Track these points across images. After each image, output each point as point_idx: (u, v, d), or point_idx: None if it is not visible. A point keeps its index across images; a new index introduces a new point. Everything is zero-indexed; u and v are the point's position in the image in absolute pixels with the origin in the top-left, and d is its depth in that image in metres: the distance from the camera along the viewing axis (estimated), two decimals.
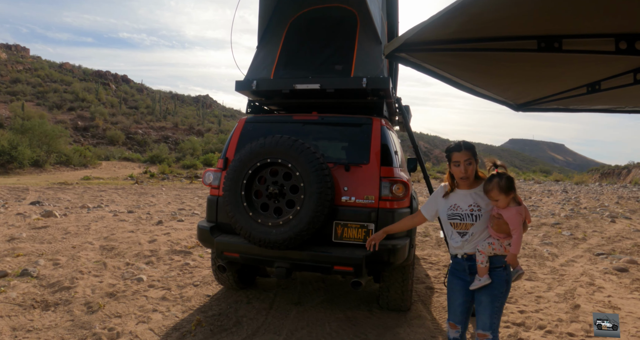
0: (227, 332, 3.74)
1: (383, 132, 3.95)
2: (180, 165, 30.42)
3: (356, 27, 4.34)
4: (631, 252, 7.90)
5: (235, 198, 3.55)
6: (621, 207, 17.09)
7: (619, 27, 2.61)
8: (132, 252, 6.46)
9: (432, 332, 3.89)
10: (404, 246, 3.64)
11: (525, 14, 2.41)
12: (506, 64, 3.34)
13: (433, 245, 7.95)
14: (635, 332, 4.09)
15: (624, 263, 6.83)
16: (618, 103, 4.78)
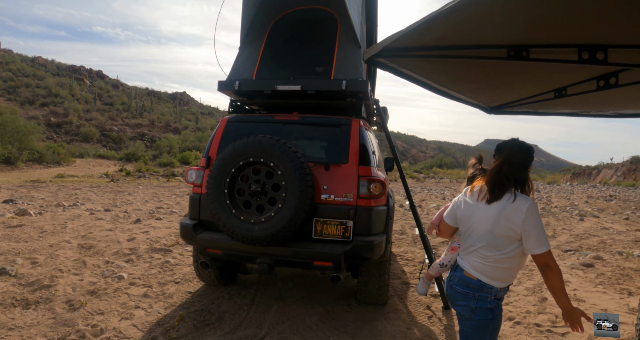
0: (210, 327, 3.84)
1: (361, 133, 4.10)
2: (157, 163, 30.01)
3: (336, 30, 4.47)
4: (597, 249, 8.29)
5: (219, 196, 3.65)
6: (590, 206, 17.78)
7: (581, 39, 2.82)
8: (111, 251, 6.45)
9: (408, 324, 4.07)
10: (381, 242, 3.81)
11: (495, 25, 2.60)
12: (479, 70, 3.54)
13: (409, 242, 8.17)
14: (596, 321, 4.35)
15: (590, 259, 7.18)
16: (583, 108, 5.06)
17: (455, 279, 2.34)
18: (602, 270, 6.56)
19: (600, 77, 3.65)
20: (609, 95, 4.02)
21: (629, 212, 15.55)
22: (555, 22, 2.56)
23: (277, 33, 4.64)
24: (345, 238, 3.76)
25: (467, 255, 2.33)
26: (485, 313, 2.24)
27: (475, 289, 2.25)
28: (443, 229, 2.55)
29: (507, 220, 2.15)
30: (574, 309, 2.19)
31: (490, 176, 2.25)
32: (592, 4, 2.25)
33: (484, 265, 2.24)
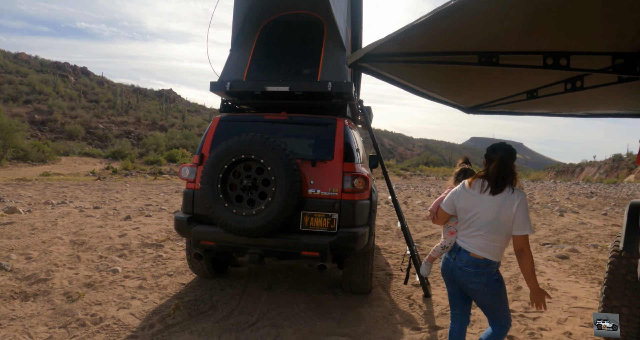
0: (204, 315, 4.06)
1: (346, 132, 4.36)
2: (144, 161, 29.93)
3: (323, 35, 4.72)
4: (574, 242, 8.69)
5: (212, 190, 3.87)
6: (571, 202, 18.33)
7: (546, 46, 3.12)
8: (104, 246, 6.61)
9: (390, 311, 4.35)
10: (365, 233, 4.07)
11: (468, 35, 2.88)
12: (455, 74, 3.82)
13: (394, 237, 8.46)
14: (568, 307, 4.69)
15: (566, 251, 7.56)
16: (555, 108, 5.40)
17: (463, 261, 2.71)
18: (576, 261, 6.93)
19: (568, 80, 3.96)
20: (578, 96, 4.34)
21: (607, 208, 16.11)
22: (522, 31, 2.86)
23: (266, 36, 4.86)
24: (331, 230, 4.02)
25: (470, 239, 2.71)
26: (494, 283, 2.68)
27: (484, 266, 2.66)
28: (440, 216, 2.95)
29: (508, 208, 2.60)
30: (539, 290, 2.61)
31: (493, 173, 2.69)
32: (555, 16, 2.54)
33: (489, 246, 2.66)
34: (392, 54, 3.22)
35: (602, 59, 3.11)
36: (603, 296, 3.59)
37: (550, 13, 2.45)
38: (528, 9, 2.41)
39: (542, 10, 2.42)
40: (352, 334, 3.71)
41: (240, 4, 4.84)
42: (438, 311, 4.41)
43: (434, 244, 7.88)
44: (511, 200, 2.61)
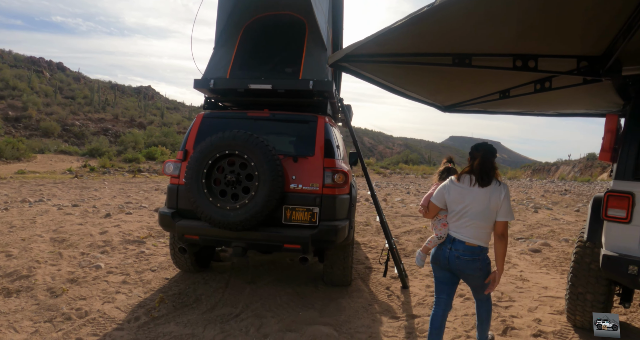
0: (189, 308, 4.15)
1: (327, 129, 4.50)
2: (122, 159, 29.45)
3: (304, 34, 4.83)
4: (546, 237, 9.03)
5: (197, 185, 3.96)
6: (546, 199, 18.88)
7: (516, 49, 3.33)
8: (85, 243, 6.60)
9: (370, 302, 4.51)
10: (345, 227, 4.22)
11: (442, 38, 3.06)
12: (431, 74, 4.01)
13: (373, 232, 8.64)
14: (538, 297, 4.93)
15: (539, 245, 7.86)
16: (527, 107, 5.66)
17: (460, 251, 2.99)
18: (548, 255, 7.23)
19: (537, 81, 4.19)
20: (547, 97, 4.58)
21: (580, 204, 16.67)
22: (493, 35, 3.05)
23: (249, 35, 4.96)
24: (312, 223, 4.16)
25: (463, 229, 3.00)
26: (486, 267, 3.02)
27: (478, 253, 2.98)
28: (431, 209, 3.18)
29: (496, 198, 2.92)
30: (499, 277, 3.02)
31: (477, 168, 2.99)
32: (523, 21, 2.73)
33: (481, 233, 2.98)
34: (371, 54, 3.37)
35: (568, 62, 3.33)
36: (569, 284, 3.83)
37: (520, 19, 2.63)
38: (499, 15, 2.58)
39: (512, 16, 2.60)
40: (333, 323, 3.86)
41: (223, 3, 4.92)
42: (415, 301, 4.60)
43: (412, 239, 8.10)
44: (498, 191, 2.93)
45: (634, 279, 3.04)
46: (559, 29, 2.80)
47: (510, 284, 5.37)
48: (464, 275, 3.05)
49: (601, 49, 3.10)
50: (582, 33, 2.85)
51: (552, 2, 2.36)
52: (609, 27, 2.66)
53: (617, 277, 3.26)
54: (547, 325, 4.02)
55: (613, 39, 2.84)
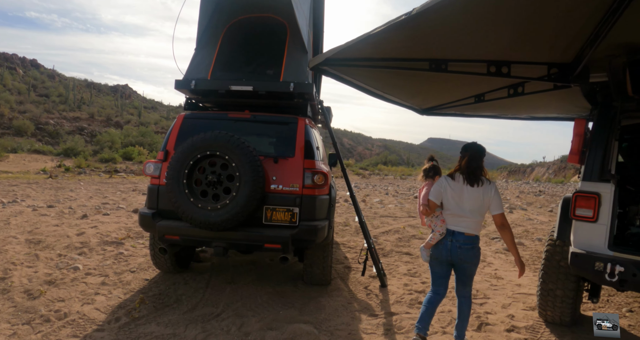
0: (170, 308, 4.15)
1: (307, 130, 4.56)
2: (98, 159, 28.92)
3: (285, 37, 4.89)
4: (520, 237, 9.30)
5: (178, 186, 3.97)
6: (521, 200, 19.37)
7: (490, 55, 3.46)
8: (62, 245, 6.50)
9: (349, 300, 4.59)
10: (324, 227, 4.30)
11: (419, 43, 3.16)
12: (409, 78, 4.12)
13: (352, 233, 8.75)
14: (512, 294, 5.10)
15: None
16: (501, 111, 5.85)
17: (461, 241, 3.27)
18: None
19: (510, 87, 4.36)
20: (520, 101, 4.76)
21: (553, 205, 17.17)
22: (468, 42, 3.18)
23: (230, 37, 4.98)
24: (292, 223, 4.21)
25: (461, 222, 3.28)
26: (479, 253, 3.35)
27: (475, 242, 3.30)
28: (432, 206, 3.38)
29: (487, 194, 3.23)
30: (520, 259, 3.27)
31: (464, 167, 3.28)
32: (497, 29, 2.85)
33: (475, 224, 3.29)
34: (351, 58, 3.46)
35: (539, 68, 3.48)
36: (540, 281, 3.98)
37: (494, 27, 2.75)
38: (474, 24, 2.70)
39: (486, 25, 2.71)
40: (313, 321, 3.92)
41: (205, 4, 4.94)
42: (393, 299, 4.70)
43: (390, 239, 8.24)
44: (489, 189, 3.25)
45: (601, 275, 3.20)
46: (531, 38, 2.94)
47: (485, 282, 5.54)
48: (463, 263, 3.31)
49: (570, 57, 3.25)
50: (553, 41, 2.99)
51: (524, 13, 2.48)
52: (578, 36, 2.81)
53: (584, 274, 3.42)
54: (520, 321, 4.17)
55: (581, 47, 2.99)
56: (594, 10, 2.37)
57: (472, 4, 2.35)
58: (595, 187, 3.43)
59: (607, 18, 2.36)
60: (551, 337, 3.84)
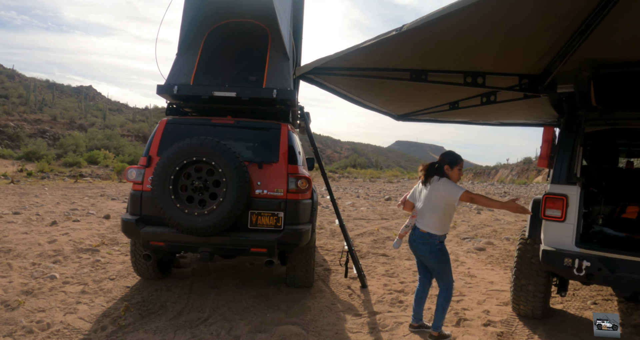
0: (155, 315, 4.15)
1: (289, 136, 4.67)
2: (62, 163, 27.93)
3: (267, 43, 4.96)
4: (489, 236, 9.69)
5: (164, 192, 3.99)
6: None
7: (466, 67, 3.68)
8: (34, 253, 6.33)
9: (332, 301, 4.72)
10: (308, 230, 4.41)
11: (403, 55, 3.33)
12: (389, 87, 4.31)
13: (328, 236, 8.88)
14: (485, 291, 5.35)
15: (483, 244, 8.43)
16: (473, 117, 6.14)
17: (415, 235, 3.70)
18: (491, 252, 7.79)
19: (483, 95, 4.61)
20: (492, 108, 5.03)
21: None
22: (448, 54, 3.38)
23: (212, 42, 5.00)
24: (277, 227, 4.30)
25: (420, 219, 3.70)
26: (436, 252, 3.62)
27: (427, 238, 3.61)
28: (407, 205, 3.86)
29: (435, 190, 3.56)
30: (505, 203, 3.40)
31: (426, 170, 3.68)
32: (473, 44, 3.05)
33: (430, 222, 3.60)
34: (336, 68, 3.60)
35: (511, 79, 3.73)
36: (514, 277, 4.23)
37: (471, 42, 2.95)
38: (453, 39, 2.88)
39: (464, 40, 2.91)
40: (300, 322, 4.02)
41: (187, 9, 4.95)
42: (375, 299, 4.86)
43: (365, 241, 8.43)
44: (436, 184, 3.58)
45: (569, 270, 3.45)
46: (506, 52, 3.16)
47: (460, 280, 5.77)
48: (419, 256, 3.75)
49: (540, 69, 3.50)
50: (525, 55, 3.22)
51: (501, 31, 2.69)
52: (548, 52, 3.05)
53: (554, 269, 3.68)
54: (495, 316, 4.41)
55: (550, 61, 3.23)
56: (564, 30, 2.60)
57: (458, 23, 2.53)
58: (563, 190, 3.69)
59: (576, 37, 2.60)
60: (525, 329, 4.09)
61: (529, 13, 2.41)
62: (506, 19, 2.52)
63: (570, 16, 2.36)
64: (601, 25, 2.35)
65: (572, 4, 2.15)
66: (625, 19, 2.37)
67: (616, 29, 2.53)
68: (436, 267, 3.69)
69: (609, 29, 2.49)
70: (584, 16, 2.42)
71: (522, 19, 2.50)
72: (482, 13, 2.39)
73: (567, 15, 2.35)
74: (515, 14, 2.43)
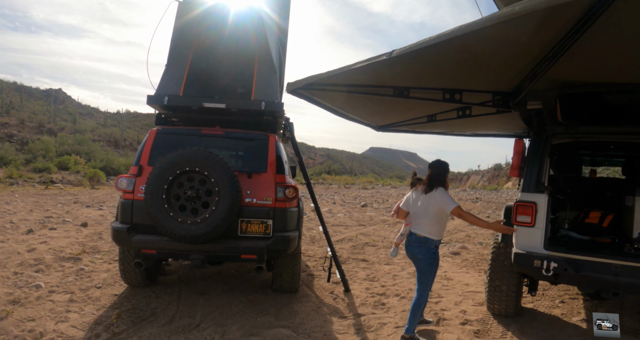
0: (147, 321, 4.24)
1: (277, 146, 4.86)
2: (31, 169, 27.16)
3: (255, 56, 5.13)
4: (464, 241, 10.08)
5: (158, 201, 4.11)
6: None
7: (445, 84, 3.98)
8: (14, 262, 6.27)
9: (318, 305, 4.92)
10: (295, 237, 4.61)
11: (388, 75, 3.60)
12: (372, 101, 4.58)
13: (308, 242, 9.06)
14: (462, 292, 5.65)
15: (458, 249, 8.79)
16: (449, 129, 6.49)
17: (412, 240, 3.95)
18: (466, 256, 8.15)
19: (459, 109, 4.93)
20: (467, 121, 5.37)
21: (490, 211, 18.49)
22: (429, 74, 3.66)
23: (201, 53, 5.12)
24: (266, 234, 4.48)
25: (417, 225, 3.95)
26: (430, 255, 3.89)
27: (424, 242, 3.88)
28: (401, 213, 4.10)
29: (433, 199, 3.82)
30: (491, 224, 3.86)
31: (425, 180, 3.95)
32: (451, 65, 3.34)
33: (427, 227, 3.87)
34: (325, 84, 3.83)
35: (485, 96, 4.05)
36: (488, 278, 4.54)
37: (452, 64, 3.24)
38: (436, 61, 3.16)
39: (447, 62, 3.19)
40: (289, 325, 4.20)
41: (178, 21, 5.07)
42: (358, 302, 5.08)
43: (345, 247, 8.66)
44: (434, 194, 3.84)
45: (539, 271, 3.76)
46: (481, 72, 3.47)
47: (438, 283, 6.06)
48: (414, 258, 3.98)
49: (512, 87, 3.84)
50: (498, 75, 3.55)
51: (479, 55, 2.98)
52: (519, 73, 3.38)
53: (525, 270, 3.99)
54: (472, 315, 4.70)
55: (521, 81, 3.56)
56: (535, 56, 2.92)
57: (441, 51, 2.81)
58: (532, 197, 4.01)
59: (545, 62, 2.92)
60: (499, 327, 4.39)
61: (504, 45, 2.72)
62: (483, 48, 2.81)
63: (541, 45, 2.67)
64: (567, 52, 2.67)
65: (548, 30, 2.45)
66: (587, 48, 2.71)
67: (580, 56, 2.86)
68: (425, 269, 3.92)
69: (574, 56, 2.82)
70: (553, 45, 2.73)
71: (497, 48, 2.80)
72: (463, 45, 2.68)
73: (537, 44, 2.66)
74: (491, 45, 2.73)
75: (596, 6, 2.03)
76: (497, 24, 2.12)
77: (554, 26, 2.34)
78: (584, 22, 2.21)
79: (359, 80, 3.69)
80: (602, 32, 2.35)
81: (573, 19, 2.24)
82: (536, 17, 2.06)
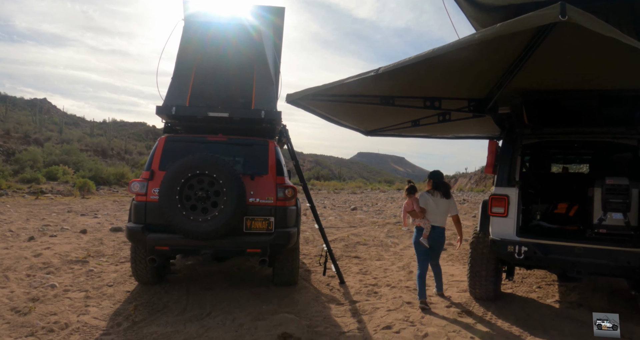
0: (161, 313, 4.64)
1: (276, 151, 5.34)
2: (19, 179, 27.11)
3: (254, 69, 5.61)
4: (449, 238, 10.44)
5: (171, 202, 4.55)
6: None
7: (426, 93, 4.50)
8: (24, 266, 6.56)
9: (316, 295, 5.37)
10: (295, 233, 5.08)
11: (375, 86, 4.11)
12: (361, 109, 5.10)
13: (302, 242, 9.49)
14: (447, 281, 6.17)
15: (445, 245, 9.28)
16: (432, 133, 7.06)
17: (438, 231, 5.13)
18: (452, 252, 8.68)
19: (440, 114, 5.47)
20: (447, 125, 5.91)
21: (476, 211, 19.04)
22: (412, 84, 4.18)
23: (204, 66, 5.58)
24: (269, 230, 4.94)
25: (438, 220, 5.10)
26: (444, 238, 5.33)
27: (444, 230, 5.20)
28: (423, 211, 5.08)
29: (451, 203, 5.17)
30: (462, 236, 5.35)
31: (442, 188, 5.14)
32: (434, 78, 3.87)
33: (444, 221, 5.16)
34: (321, 94, 4.33)
35: (462, 102, 4.60)
36: (469, 265, 5.05)
37: (432, 76, 3.77)
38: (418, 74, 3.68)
39: (427, 74, 3.72)
40: (292, 311, 4.65)
41: (182, 38, 5.53)
42: (353, 292, 5.55)
43: (338, 246, 9.11)
44: (452, 200, 5.19)
45: (512, 255, 4.28)
46: (457, 82, 4.01)
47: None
48: (437, 245, 5.22)
49: (484, 95, 4.38)
50: (472, 84, 4.09)
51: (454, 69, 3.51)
52: (489, 83, 3.92)
53: (501, 255, 4.52)
54: (456, 300, 5.22)
55: (491, 89, 4.10)
56: (501, 68, 3.46)
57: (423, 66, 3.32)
58: (505, 191, 4.54)
59: (508, 74, 3.47)
60: (480, 308, 4.90)
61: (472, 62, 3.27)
62: (456, 64, 3.34)
63: (502, 61, 3.22)
64: (525, 66, 3.21)
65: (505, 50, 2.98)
66: (540, 62, 3.27)
67: (535, 69, 3.42)
68: (441, 248, 5.39)
69: (531, 69, 3.37)
70: (514, 58, 3.27)
71: (468, 64, 3.34)
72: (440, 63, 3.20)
73: (499, 61, 3.20)
74: (463, 62, 3.27)
75: (538, 34, 2.56)
76: (464, 47, 2.64)
77: (509, 47, 2.88)
78: (532, 44, 2.75)
79: (350, 91, 4.20)
80: (548, 51, 2.91)
81: (524, 42, 2.78)
82: (493, 42, 2.58)
